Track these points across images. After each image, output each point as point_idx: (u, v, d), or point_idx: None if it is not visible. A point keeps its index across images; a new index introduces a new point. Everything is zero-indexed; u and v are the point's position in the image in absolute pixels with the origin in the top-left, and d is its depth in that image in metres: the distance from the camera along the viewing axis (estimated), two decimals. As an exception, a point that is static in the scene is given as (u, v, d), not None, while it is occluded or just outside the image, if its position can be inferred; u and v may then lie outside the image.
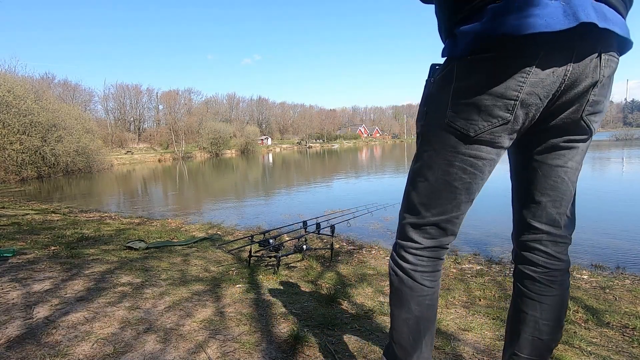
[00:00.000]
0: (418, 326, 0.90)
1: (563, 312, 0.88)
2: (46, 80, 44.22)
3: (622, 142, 31.01)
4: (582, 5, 0.63)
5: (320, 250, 3.82)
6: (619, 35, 0.66)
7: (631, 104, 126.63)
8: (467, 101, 0.73)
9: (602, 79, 0.69)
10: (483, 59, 0.70)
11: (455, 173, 0.80)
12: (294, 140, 72.32)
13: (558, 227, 0.85)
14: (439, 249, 0.90)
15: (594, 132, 0.76)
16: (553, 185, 0.81)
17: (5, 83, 19.23)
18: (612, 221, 5.43)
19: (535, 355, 0.90)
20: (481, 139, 0.75)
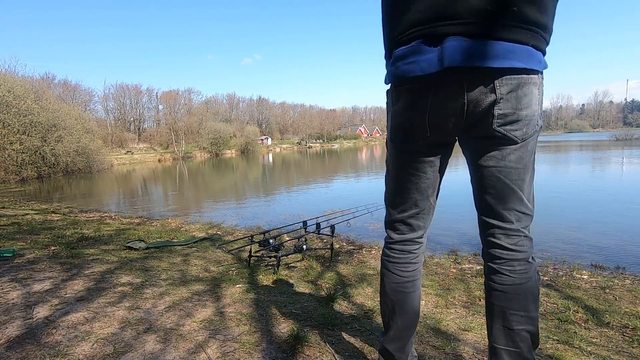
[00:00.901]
0: (394, 309, 1.09)
1: (531, 302, 0.92)
2: (46, 80, 44.19)
3: (622, 142, 31.00)
4: (449, 51, 0.79)
5: (320, 250, 3.82)
6: (496, 66, 0.80)
7: (631, 104, 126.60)
8: (398, 122, 0.96)
9: (500, 97, 0.83)
10: (401, 90, 0.92)
11: (405, 177, 1.01)
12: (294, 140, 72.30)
13: (508, 222, 0.93)
14: (408, 243, 1.08)
15: (517, 139, 0.87)
16: (492, 184, 0.92)
17: (5, 83, 19.22)
18: (612, 221, 5.43)
19: (511, 347, 0.94)
20: (415, 150, 0.96)
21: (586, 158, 17.79)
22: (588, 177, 10.95)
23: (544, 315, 2.22)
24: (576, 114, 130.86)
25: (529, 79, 0.84)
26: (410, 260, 1.08)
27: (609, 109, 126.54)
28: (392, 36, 0.92)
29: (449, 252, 3.97)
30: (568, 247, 4.20)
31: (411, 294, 1.08)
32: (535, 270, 0.95)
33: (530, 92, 0.85)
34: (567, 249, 4.10)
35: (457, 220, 5.60)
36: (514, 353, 0.94)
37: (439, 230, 4.84)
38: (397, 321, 1.09)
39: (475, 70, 0.81)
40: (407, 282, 1.08)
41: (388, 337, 1.12)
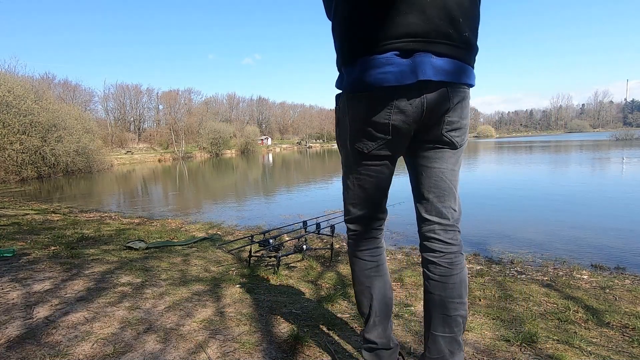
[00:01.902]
0: (370, 295, 1.16)
1: (463, 289, 1.04)
2: (46, 80, 44.22)
3: (622, 142, 31.00)
4: (422, 66, 0.89)
5: (320, 250, 3.82)
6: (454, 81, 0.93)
7: (631, 104, 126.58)
8: (358, 127, 1.01)
9: (451, 106, 0.95)
10: (362, 96, 0.97)
11: (364, 178, 1.09)
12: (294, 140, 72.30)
13: (446, 219, 1.04)
14: (373, 231, 1.17)
15: (457, 144, 1.01)
16: (435, 184, 1.03)
17: (5, 83, 19.23)
18: (612, 221, 5.43)
19: (447, 332, 1.04)
20: (374, 153, 1.03)
21: (586, 158, 17.79)
22: (588, 177, 10.95)
23: (544, 315, 2.22)
24: (576, 113, 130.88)
25: (468, 93, 0.99)
26: (377, 244, 1.18)
27: (609, 109, 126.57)
28: (356, 42, 0.95)
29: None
30: (568, 247, 4.20)
31: (382, 277, 1.18)
32: (464, 260, 1.07)
33: (468, 104, 1.00)
34: (567, 249, 4.10)
35: (457, 220, 5.59)
36: (449, 338, 1.04)
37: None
38: (374, 307, 1.16)
39: (438, 83, 0.93)
40: (377, 265, 1.17)
41: (368, 326, 1.18)
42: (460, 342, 1.05)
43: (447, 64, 0.92)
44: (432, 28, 0.90)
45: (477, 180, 10.95)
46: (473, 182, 10.46)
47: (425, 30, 0.90)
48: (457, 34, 0.92)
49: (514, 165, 15.56)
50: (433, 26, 0.90)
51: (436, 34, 0.90)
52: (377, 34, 0.91)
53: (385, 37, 0.90)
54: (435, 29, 0.90)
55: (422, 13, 0.89)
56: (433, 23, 0.90)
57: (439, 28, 0.90)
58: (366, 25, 0.92)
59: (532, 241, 4.46)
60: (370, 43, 0.92)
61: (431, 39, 0.90)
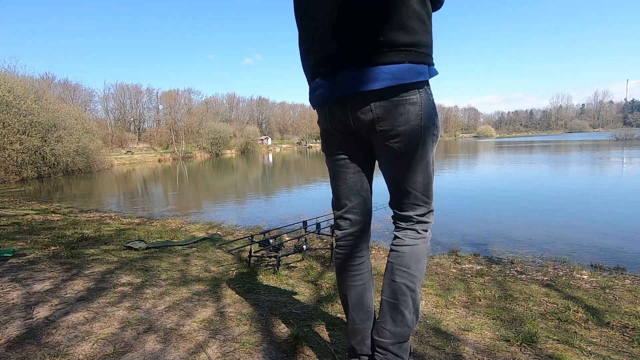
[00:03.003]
0: (347, 302, 1.20)
1: (413, 262, 1.11)
2: (46, 80, 44.18)
3: (622, 142, 31.00)
4: (339, 84, 1.01)
5: (320, 250, 3.82)
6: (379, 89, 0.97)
7: (631, 104, 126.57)
8: (320, 131, 1.19)
9: (377, 116, 1.00)
10: (317, 109, 1.16)
11: (335, 177, 1.19)
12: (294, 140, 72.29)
13: (405, 211, 1.13)
14: (350, 237, 1.20)
15: (400, 150, 1.04)
16: (390, 181, 1.13)
17: (5, 83, 19.22)
18: (612, 221, 5.43)
19: (391, 297, 1.11)
20: (335, 153, 1.16)
21: (586, 158, 17.79)
22: (588, 177, 10.95)
23: (544, 315, 2.22)
24: (576, 113, 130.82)
25: (402, 100, 0.98)
26: (356, 254, 1.20)
27: (609, 109, 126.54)
28: (305, 72, 1.17)
29: (449, 252, 3.97)
30: (568, 247, 4.21)
31: (361, 287, 1.20)
32: (425, 241, 1.14)
33: (407, 110, 0.99)
34: (567, 249, 4.10)
35: (457, 220, 5.60)
36: (392, 304, 1.10)
37: (439, 231, 4.84)
38: (352, 314, 1.20)
39: (357, 95, 1.00)
40: (354, 275, 1.20)
41: (349, 331, 1.22)
42: (406, 316, 1.09)
43: (365, 74, 0.97)
44: (342, 46, 1.00)
45: (477, 181, 10.95)
46: (473, 183, 10.46)
47: (337, 51, 1.00)
48: (371, 42, 0.96)
49: (514, 166, 15.56)
50: (343, 44, 0.99)
51: (348, 50, 0.99)
52: (311, 64, 1.11)
53: (315, 66, 1.09)
54: (345, 47, 0.99)
55: (333, 36, 1.01)
56: (343, 41, 0.99)
57: (349, 44, 0.98)
58: (304, 60, 1.15)
59: (532, 241, 4.46)
60: (309, 72, 1.14)
61: (346, 55, 0.99)
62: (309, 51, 1.12)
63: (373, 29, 0.94)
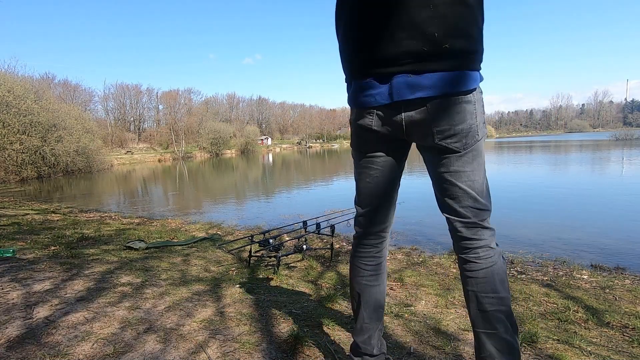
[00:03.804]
0: (359, 301, 1.20)
1: (498, 284, 1.02)
2: (46, 80, 44.20)
3: (622, 142, 30.99)
4: (397, 87, 0.98)
5: (320, 250, 3.82)
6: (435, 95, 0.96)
7: (631, 104, 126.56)
8: (354, 130, 1.14)
9: (434, 116, 0.98)
10: (358, 110, 1.10)
11: (364, 176, 1.17)
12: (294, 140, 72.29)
13: (466, 217, 1.05)
14: (371, 237, 1.20)
15: (458, 149, 1.00)
16: (445, 186, 1.05)
17: (5, 83, 19.22)
18: (612, 221, 5.43)
19: (489, 329, 1.01)
20: (366, 153, 1.14)
21: (586, 158, 17.79)
22: (588, 177, 10.95)
23: (544, 315, 2.22)
24: (576, 113, 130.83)
25: (458, 99, 0.98)
26: (374, 254, 1.20)
27: (609, 109, 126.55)
28: (349, 69, 1.12)
29: (449, 252, 3.97)
30: (568, 247, 4.20)
31: (374, 287, 1.20)
32: (499, 255, 1.05)
33: (463, 109, 0.98)
34: (567, 249, 4.10)
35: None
36: (492, 335, 1.01)
37: (439, 230, 4.84)
38: (362, 314, 1.19)
39: (418, 100, 0.98)
40: (370, 275, 1.19)
41: (356, 329, 1.21)
42: (509, 340, 1.00)
43: (426, 80, 0.95)
44: (403, 50, 0.96)
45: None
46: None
47: (397, 54, 0.97)
48: (434, 48, 0.94)
49: (514, 166, 15.56)
50: (405, 48, 0.95)
51: (409, 54, 0.95)
52: (361, 63, 1.06)
53: (366, 65, 1.04)
54: (407, 51, 0.95)
55: (393, 38, 0.96)
56: (405, 45, 0.95)
57: (411, 48, 0.95)
58: (353, 57, 1.09)
59: (532, 241, 4.46)
60: (356, 70, 1.08)
61: (405, 60, 0.96)
62: (359, 47, 1.05)
63: (438, 35, 0.93)
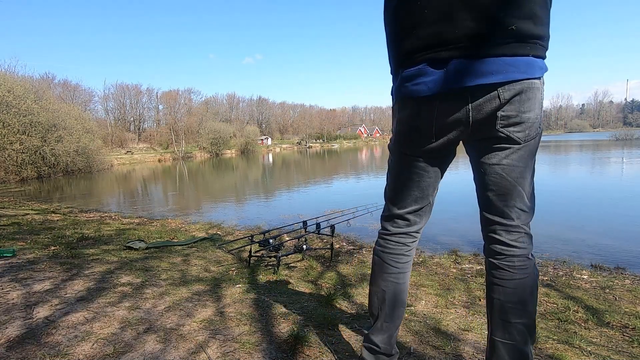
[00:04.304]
0: (384, 299, 1.15)
1: (528, 296, 0.96)
2: (46, 80, 44.18)
3: (622, 142, 30.99)
4: (456, 73, 0.88)
5: (320, 250, 3.82)
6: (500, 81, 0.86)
7: (631, 104, 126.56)
8: (404, 128, 1.04)
9: (504, 101, 0.89)
10: (406, 102, 1.00)
11: (407, 177, 1.09)
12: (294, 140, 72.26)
13: (509, 218, 0.97)
14: (404, 236, 1.15)
15: (519, 140, 0.92)
16: (494, 181, 0.97)
17: (5, 83, 19.21)
18: (612, 221, 5.43)
19: (508, 339, 0.98)
20: (418, 153, 1.05)
21: (586, 158, 17.79)
22: (588, 177, 10.95)
23: (544, 315, 2.22)
24: (576, 113, 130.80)
25: (531, 83, 0.89)
26: (405, 252, 1.16)
27: (609, 109, 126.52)
28: (397, 57, 1.01)
29: (449, 252, 3.97)
30: (568, 247, 4.20)
31: (402, 285, 1.16)
32: (534, 266, 0.99)
33: (534, 96, 0.90)
34: (567, 249, 4.10)
35: (458, 220, 5.60)
36: (510, 345, 0.98)
37: (439, 230, 4.84)
38: (385, 312, 1.15)
39: (478, 86, 0.88)
40: (399, 273, 1.16)
41: (375, 328, 1.17)
42: (525, 352, 0.97)
43: (488, 65, 0.86)
44: (463, 32, 0.86)
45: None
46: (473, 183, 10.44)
47: (456, 36, 0.87)
48: (499, 30, 0.85)
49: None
50: (465, 30, 0.86)
51: (469, 37, 0.86)
52: (410, 48, 0.95)
53: (417, 50, 0.93)
54: (467, 33, 0.86)
55: (451, 19, 0.87)
56: (464, 26, 0.86)
57: (472, 30, 0.86)
58: (402, 40, 0.97)
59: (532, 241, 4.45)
60: (405, 57, 0.97)
61: (464, 43, 0.87)
62: (409, 29, 0.94)
63: (504, 16, 0.84)
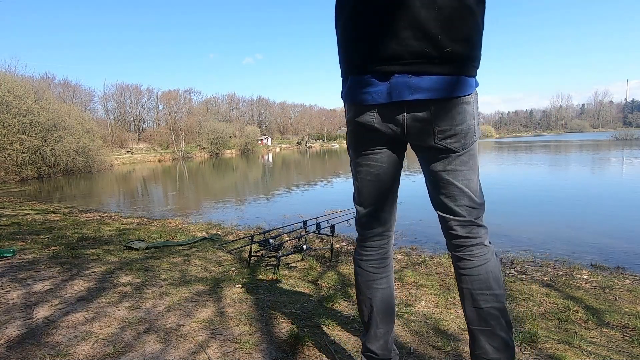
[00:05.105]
0: (371, 306, 1.16)
1: (493, 281, 1.03)
2: (46, 80, 44.23)
3: (622, 142, 31.00)
4: (397, 88, 0.95)
5: (320, 250, 3.82)
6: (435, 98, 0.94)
7: (631, 104, 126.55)
8: (351, 129, 1.11)
9: (436, 115, 0.97)
10: (351, 106, 1.07)
11: (363, 175, 1.13)
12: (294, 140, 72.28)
13: (461, 216, 1.05)
14: (377, 238, 1.17)
15: (456, 149, 1.00)
16: (443, 185, 1.04)
17: (5, 83, 19.22)
18: (612, 221, 5.43)
19: (483, 326, 1.02)
20: (365, 151, 1.10)
21: (586, 158, 17.79)
22: (588, 177, 10.95)
23: (544, 315, 2.22)
24: (576, 113, 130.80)
25: (459, 100, 0.97)
26: (382, 255, 1.18)
27: (609, 109, 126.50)
28: (347, 64, 1.08)
29: (449, 252, 3.97)
30: (568, 247, 4.21)
31: (387, 290, 1.17)
32: (492, 252, 1.06)
33: (464, 110, 0.98)
34: (567, 249, 4.10)
35: (457, 220, 5.58)
36: (487, 332, 1.02)
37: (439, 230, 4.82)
38: (376, 319, 1.16)
39: (414, 100, 0.96)
40: (381, 278, 1.17)
41: (370, 336, 1.18)
42: (504, 337, 1.01)
43: (425, 82, 0.94)
44: (406, 50, 0.93)
45: (477, 180, 10.92)
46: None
47: (399, 53, 0.94)
48: (436, 51, 0.92)
49: (513, 166, 15.56)
50: (408, 48, 0.93)
51: (411, 54, 0.93)
52: (360, 58, 1.02)
53: (366, 61, 1.00)
54: (410, 51, 0.93)
55: (396, 36, 0.93)
56: (407, 45, 0.93)
57: (414, 49, 0.93)
58: (352, 50, 1.05)
59: (532, 241, 4.46)
60: (355, 66, 1.04)
61: (407, 59, 0.94)
62: (359, 41, 1.01)
63: (442, 39, 0.92)
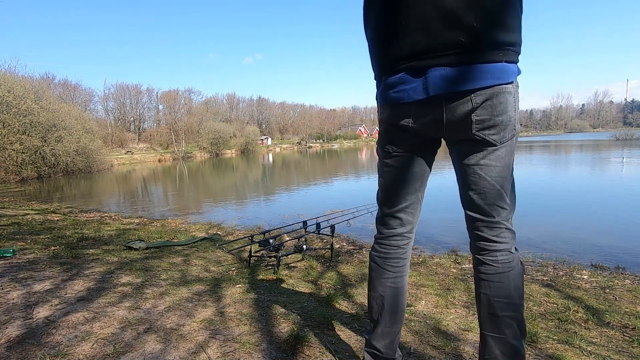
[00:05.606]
0: (383, 305, 1.15)
1: (513, 289, 0.99)
2: (46, 80, 44.16)
3: (622, 142, 31.00)
4: (432, 81, 0.94)
5: (320, 250, 3.82)
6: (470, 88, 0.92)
7: (631, 104, 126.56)
8: (385, 128, 1.11)
9: (476, 106, 0.94)
10: (386, 106, 1.07)
11: (393, 175, 1.13)
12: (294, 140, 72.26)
13: (490, 216, 1.01)
14: (398, 238, 1.16)
15: (494, 142, 0.97)
16: (474, 180, 1.01)
17: (5, 83, 19.21)
18: (612, 221, 5.43)
19: (497, 333, 1.00)
20: (394, 154, 1.11)
21: (586, 158, 17.79)
22: (588, 177, 10.95)
23: (544, 315, 2.22)
24: (576, 113, 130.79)
25: (502, 88, 0.94)
26: (400, 255, 1.17)
27: (609, 109, 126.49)
28: (379, 66, 1.08)
29: (449, 252, 3.97)
30: (568, 247, 4.20)
31: (400, 289, 1.16)
32: (517, 260, 1.02)
33: (505, 100, 0.95)
34: (567, 249, 4.10)
35: (458, 220, 5.58)
36: (499, 339, 1.00)
37: (439, 230, 4.84)
38: (386, 317, 1.15)
39: (453, 92, 0.94)
40: (396, 277, 1.16)
41: (376, 334, 1.17)
42: (516, 346, 0.99)
43: (462, 73, 0.91)
44: (439, 42, 0.92)
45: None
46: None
47: (432, 46, 0.93)
48: (471, 40, 0.90)
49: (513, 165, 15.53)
50: (441, 39, 0.92)
51: (445, 46, 0.92)
52: (390, 57, 1.02)
53: (397, 60, 1.00)
54: (443, 42, 0.92)
55: (427, 28, 0.93)
56: (440, 36, 0.92)
57: (448, 40, 0.91)
58: (383, 50, 1.05)
59: (532, 241, 4.46)
60: (386, 66, 1.04)
61: (441, 52, 0.93)
62: (390, 39, 1.00)
63: (478, 26, 0.89)
